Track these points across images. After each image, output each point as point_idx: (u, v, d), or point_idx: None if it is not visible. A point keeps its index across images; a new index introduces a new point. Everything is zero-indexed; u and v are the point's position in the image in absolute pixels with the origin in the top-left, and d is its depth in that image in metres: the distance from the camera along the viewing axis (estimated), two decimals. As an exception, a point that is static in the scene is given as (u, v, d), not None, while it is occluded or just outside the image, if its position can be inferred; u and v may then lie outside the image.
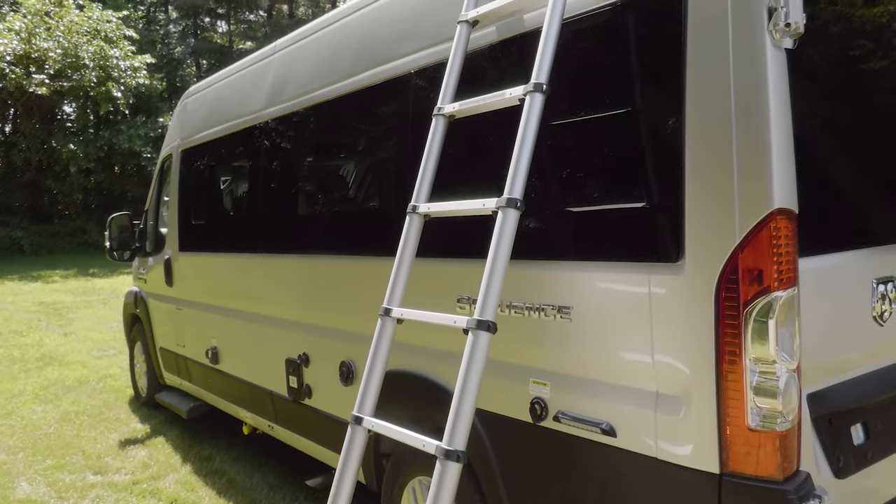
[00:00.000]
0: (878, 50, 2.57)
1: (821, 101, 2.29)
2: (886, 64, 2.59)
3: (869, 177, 2.48)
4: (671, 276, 2.14)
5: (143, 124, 25.54)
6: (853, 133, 2.45)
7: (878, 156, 2.51)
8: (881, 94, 2.59)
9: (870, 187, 2.48)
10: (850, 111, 2.44)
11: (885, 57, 2.57)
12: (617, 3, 2.34)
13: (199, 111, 5.76)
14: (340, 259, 3.84)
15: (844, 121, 2.42)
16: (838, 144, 2.37)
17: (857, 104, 2.47)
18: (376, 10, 3.61)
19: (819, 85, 2.28)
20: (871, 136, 2.51)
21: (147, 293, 6.88)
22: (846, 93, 2.43)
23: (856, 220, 2.41)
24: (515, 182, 2.21)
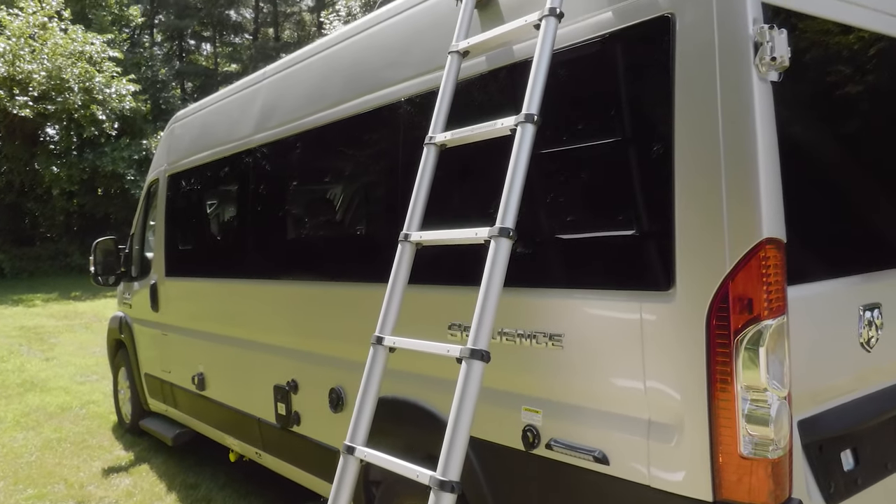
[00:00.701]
0: (856, 77, 2.63)
1: (804, 131, 2.34)
2: (865, 91, 2.65)
3: (852, 204, 2.52)
4: (662, 304, 2.17)
5: (128, 146, 25.42)
6: (835, 162, 2.49)
7: (860, 184, 2.55)
8: (862, 123, 2.64)
9: (854, 215, 2.52)
10: (832, 141, 2.49)
11: (861, 83, 2.63)
12: (605, 34, 2.38)
13: (187, 136, 5.76)
14: (330, 285, 3.84)
15: (827, 150, 2.47)
16: (821, 173, 2.41)
17: (838, 133, 2.52)
18: (366, 38, 3.65)
19: (802, 115, 2.33)
20: (853, 164, 2.55)
21: (132, 318, 6.82)
22: (828, 123, 2.48)
23: (841, 247, 2.44)
24: (508, 212, 2.23)
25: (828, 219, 2.39)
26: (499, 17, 2.82)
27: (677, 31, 2.16)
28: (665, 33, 2.18)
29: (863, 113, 2.64)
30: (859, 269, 2.45)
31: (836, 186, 2.46)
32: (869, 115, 2.66)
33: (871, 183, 2.60)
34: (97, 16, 26.74)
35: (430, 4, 3.24)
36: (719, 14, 2.07)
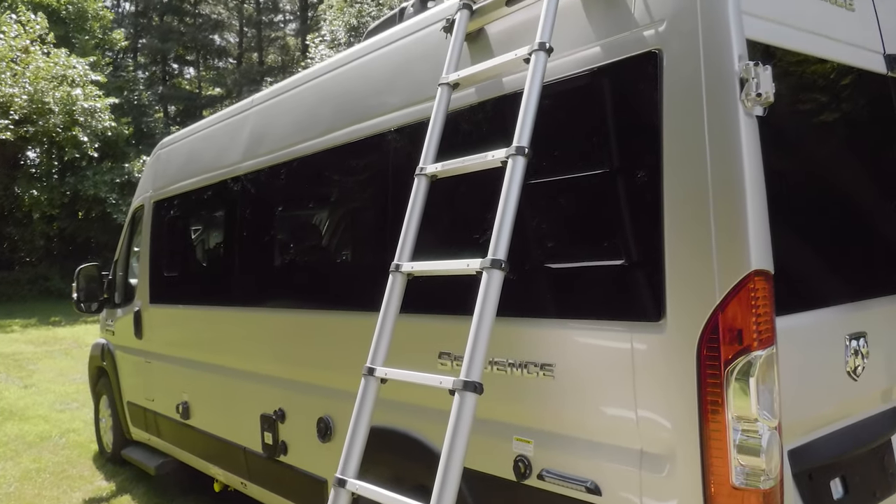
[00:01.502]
0: (836, 109, 2.69)
1: (787, 163, 2.38)
2: (845, 123, 2.71)
3: (835, 235, 2.57)
4: (653, 335, 2.19)
5: (110, 170, 25.27)
6: (818, 193, 2.54)
7: (843, 214, 2.60)
8: (842, 154, 2.69)
9: (837, 245, 2.57)
10: (814, 172, 2.54)
11: (840, 115, 2.70)
12: (594, 68, 2.43)
13: (173, 163, 5.75)
14: (318, 313, 3.83)
15: (809, 182, 2.51)
16: (805, 205, 2.45)
17: (820, 165, 2.57)
18: (356, 67, 3.68)
19: (785, 148, 2.37)
20: (835, 195, 2.60)
21: (115, 345, 6.74)
22: (809, 155, 2.53)
23: (826, 277, 2.48)
24: (499, 243, 2.24)
25: (812, 249, 2.43)
26: (488, 50, 2.87)
27: (664, 66, 2.20)
28: (653, 69, 2.23)
29: (842, 144, 2.69)
30: (844, 298, 2.49)
31: (819, 217, 2.51)
32: (848, 146, 2.72)
33: (853, 213, 2.65)
34: (81, 40, 26.70)
35: (419, 36, 3.28)
36: (706, 51, 2.11)
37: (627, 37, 2.33)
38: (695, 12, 2.15)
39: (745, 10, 2.16)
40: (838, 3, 2.60)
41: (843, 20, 2.61)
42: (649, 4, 2.29)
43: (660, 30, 2.24)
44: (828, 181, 2.58)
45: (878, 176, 2.77)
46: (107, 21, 28.81)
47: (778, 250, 2.08)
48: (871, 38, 2.74)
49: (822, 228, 2.51)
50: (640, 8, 2.31)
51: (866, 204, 2.70)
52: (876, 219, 2.73)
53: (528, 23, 2.66)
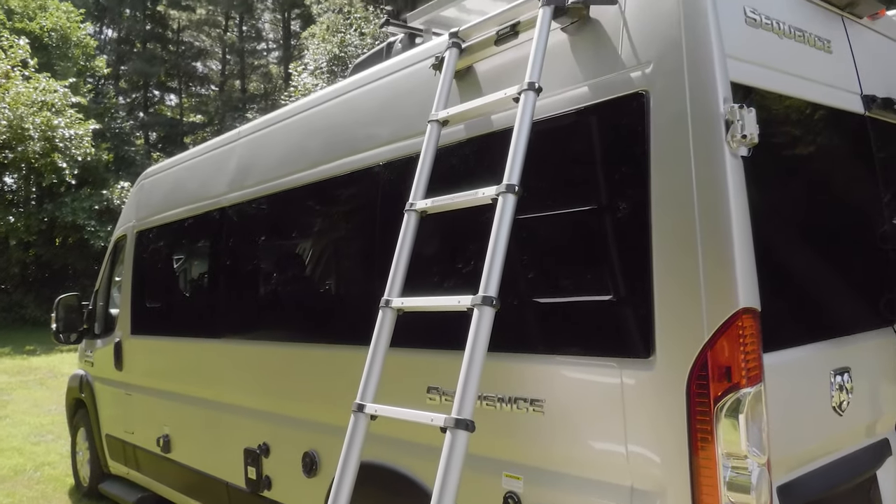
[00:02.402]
0: (817, 149, 2.76)
1: (771, 202, 2.42)
2: (824, 162, 2.78)
3: (817, 271, 2.61)
4: (643, 372, 2.21)
5: (88, 197, 25.04)
6: (801, 230, 2.59)
7: (825, 251, 2.65)
8: (822, 193, 2.75)
9: (819, 281, 2.61)
10: (797, 210, 2.59)
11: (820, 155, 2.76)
12: (582, 108, 2.47)
13: (157, 192, 5.73)
14: (304, 346, 3.81)
15: (792, 219, 2.56)
16: (788, 242, 2.50)
17: (802, 203, 2.62)
18: (345, 101, 3.70)
19: (769, 187, 2.42)
20: (817, 232, 2.65)
21: (94, 377, 6.64)
22: (792, 194, 2.59)
23: (810, 313, 2.52)
24: (490, 280, 2.26)
25: (795, 285, 2.48)
26: (477, 87, 2.91)
27: (651, 107, 2.25)
28: (640, 109, 2.28)
29: (822, 183, 2.75)
30: (828, 334, 2.53)
31: (800, 254, 2.55)
32: (828, 184, 2.78)
33: (834, 249, 2.70)
34: (63, 66, 26.63)
35: (408, 72, 3.32)
36: (692, 93, 2.17)
37: (615, 78, 2.38)
38: (680, 55, 2.21)
39: (729, 53, 2.22)
40: (817, 45, 2.68)
41: (822, 62, 2.69)
42: (636, 46, 2.35)
43: (646, 71, 2.29)
44: (809, 219, 2.63)
45: (857, 213, 2.83)
46: (90, 48, 28.76)
47: (762, 287, 2.12)
48: (849, 78, 2.83)
49: (804, 265, 2.55)
50: (627, 50, 2.37)
51: (847, 240, 2.76)
52: (856, 254, 2.79)
53: (517, 61, 2.70)
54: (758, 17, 2.42)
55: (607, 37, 2.44)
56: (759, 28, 2.42)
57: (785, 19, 2.53)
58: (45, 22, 26.29)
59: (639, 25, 2.35)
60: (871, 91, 2.88)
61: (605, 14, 2.46)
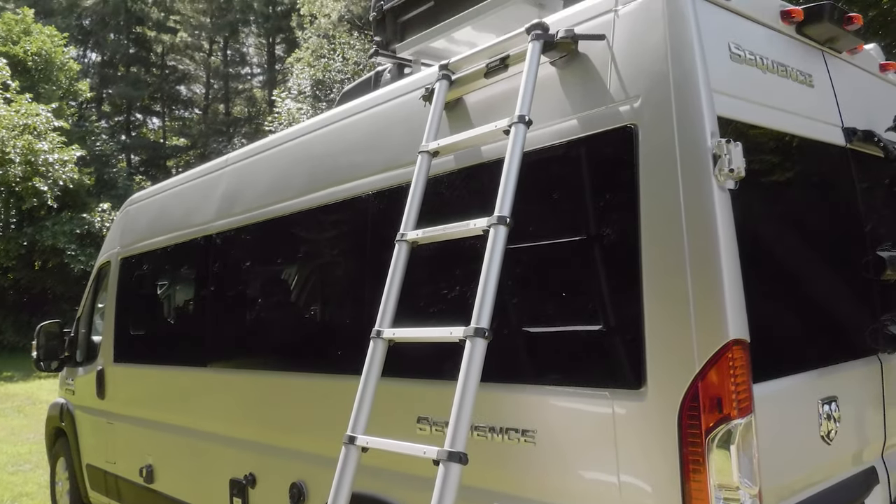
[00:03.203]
0: (801, 181, 2.82)
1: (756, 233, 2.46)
2: (808, 194, 2.83)
3: (803, 301, 2.65)
4: (634, 403, 2.22)
5: (69, 220, 24.81)
6: (785, 261, 2.63)
7: (811, 281, 2.69)
8: (807, 223, 2.80)
9: (805, 311, 2.65)
10: (780, 241, 2.63)
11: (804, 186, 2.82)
12: (572, 140, 2.51)
13: (143, 219, 5.69)
14: (291, 376, 3.79)
15: (777, 250, 2.60)
16: (773, 273, 2.53)
17: (785, 235, 2.66)
18: (335, 130, 3.71)
19: (756, 219, 2.46)
20: (803, 263, 2.69)
21: (75, 405, 6.54)
22: (776, 224, 2.63)
23: (798, 344, 2.56)
24: (482, 311, 2.27)
25: (783, 316, 2.51)
26: (467, 119, 2.94)
27: (640, 141, 2.29)
28: (628, 142, 2.32)
29: (806, 214, 2.80)
30: (815, 363, 2.56)
31: (788, 284, 2.59)
32: (811, 215, 2.82)
33: (819, 280, 2.74)
34: (47, 90, 26.51)
35: (397, 102, 3.35)
36: (679, 128, 2.21)
37: (603, 111, 2.42)
38: (668, 90, 2.25)
39: (715, 88, 2.27)
40: (799, 79, 2.74)
41: (804, 96, 2.75)
42: (624, 81, 2.39)
43: (634, 106, 2.33)
44: (794, 250, 2.67)
45: (841, 243, 2.88)
46: (73, 72, 28.68)
47: (750, 318, 2.15)
48: (830, 111, 2.89)
49: (791, 295, 2.59)
50: (615, 84, 2.41)
51: (832, 270, 2.81)
52: (841, 284, 2.83)
53: (506, 93, 2.74)
54: (742, 52, 2.48)
55: (595, 71, 2.48)
56: (743, 63, 2.48)
57: (768, 54, 2.60)
58: (30, 46, 26.19)
59: (626, 60, 2.40)
60: (852, 123, 2.95)
61: (593, 48, 2.51)
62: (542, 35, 2.54)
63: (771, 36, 2.69)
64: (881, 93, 3.36)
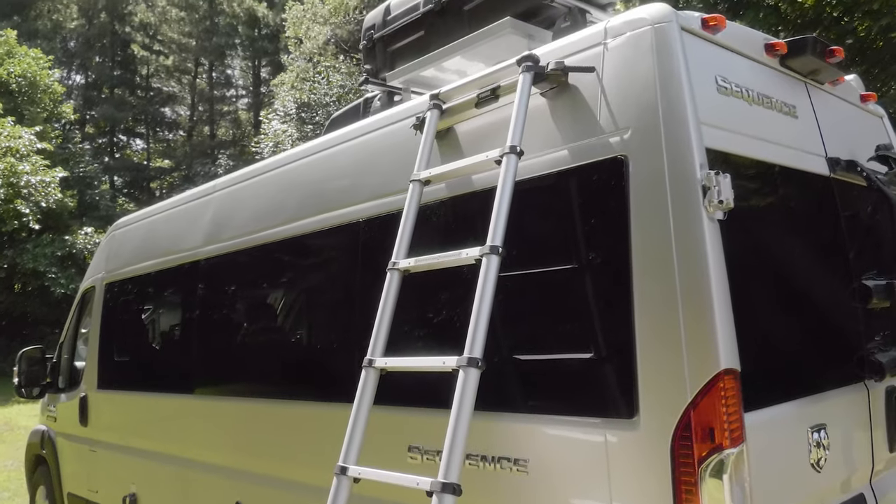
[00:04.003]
0: (789, 211, 2.86)
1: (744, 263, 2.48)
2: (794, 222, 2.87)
3: (792, 330, 2.68)
4: (627, 432, 2.23)
5: (51, 243, 24.56)
6: (772, 290, 2.66)
7: (797, 310, 2.72)
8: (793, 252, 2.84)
9: (794, 340, 2.67)
10: (767, 270, 2.66)
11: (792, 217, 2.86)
12: (562, 170, 2.54)
13: (129, 244, 5.66)
14: (279, 403, 3.77)
15: (764, 279, 2.63)
16: (764, 302, 2.57)
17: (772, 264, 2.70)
18: (325, 157, 3.72)
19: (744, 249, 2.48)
20: (788, 291, 2.72)
21: (56, 432, 6.44)
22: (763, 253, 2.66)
23: (786, 372, 2.58)
24: (475, 341, 2.28)
25: (771, 345, 2.53)
26: (458, 148, 2.97)
27: (630, 172, 2.32)
28: (619, 173, 2.35)
29: (791, 243, 2.82)
30: (804, 391, 2.58)
31: (776, 313, 2.62)
32: (797, 244, 2.85)
33: (806, 308, 2.77)
34: (32, 112, 26.36)
35: (388, 130, 3.37)
36: (669, 159, 2.24)
37: (594, 142, 2.46)
38: (657, 123, 2.29)
39: (703, 120, 2.32)
40: (784, 111, 2.80)
41: (788, 127, 2.81)
42: (614, 112, 2.43)
43: (624, 137, 2.37)
44: (779, 278, 2.70)
45: (827, 271, 2.92)
46: (57, 95, 28.55)
47: (740, 347, 2.17)
48: (814, 142, 2.95)
49: (779, 323, 2.62)
50: (605, 115, 2.45)
51: (818, 298, 2.84)
52: (828, 312, 2.86)
53: (497, 123, 2.77)
54: (728, 85, 2.53)
55: (585, 102, 2.52)
56: (729, 95, 2.53)
57: (753, 87, 2.65)
58: (13, 68, 26.07)
59: (616, 92, 2.44)
60: (835, 153, 3.00)
61: (583, 80, 2.55)
62: (533, 67, 2.58)
63: (756, 68, 2.75)
64: (862, 123, 3.43)
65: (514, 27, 3.24)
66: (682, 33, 2.39)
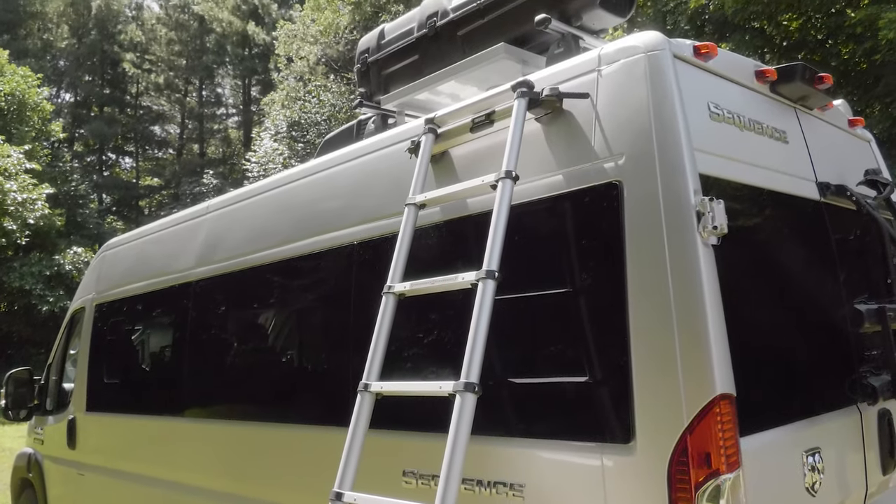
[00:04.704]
0: (781, 236, 2.89)
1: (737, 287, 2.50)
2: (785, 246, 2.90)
3: (785, 354, 2.69)
4: (624, 458, 2.23)
5: (38, 261, 24.40)
6: (765, 314, 2.67)
7: (790, 334, 2.74)
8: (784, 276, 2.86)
9: (787, 364, 2.69)
10: (760, 295, 2.68)
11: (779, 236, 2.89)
12: (558, 194, 2.56)
13: (120, 265, 5.63)
14: (271, 427, 3.74)
15: (757, 303, 2.65)
16: (757, 326, 2.58)
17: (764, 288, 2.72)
18: (320, 180, 3.72)
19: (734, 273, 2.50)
20: (781, 316, 2.74)
21: (43, 455, 6.35)
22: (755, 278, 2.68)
23: (780, 396, 2.59)
24: (472, 366, 2.28)
25: (765, 369, 2.55)
26: (453, 172, 2.99)
27: (625, 197, 2.34)
28: (614, 198, 2.37)
29: (783, 267, 2.85)
30: (798, 415, 2.59)
31: (769, 337, 2.64)
32: (788, 268, 2.88)
33: (798, 332, 2.79)
34: (20, 130, 26.27)
35: (383, 153, 3.39)
36: (664, 186, 2.27)
37: (589, 167, 2.48)
38: (651, 150, 2.32)
39: (697, 146, 2.34)
40: (774, 136, 2.84)
41: (779, 152, 2.85)
42: (608, 138, 2.45)
43: (619, 163, 2.39)
44: (772, 302, 2.72)
45: (820, 295, 2.94)
46: (46, 113, 28.49)
47: (735, 371, 2.18)
48: (804, 167, 2.99)
49: (772, 348, 2.63)
50: (600, 141, 2.47)
51: (810, 322, 2.86)
52: (820, 336, 2.89)
53: (492, 148, 2.79)
54: (720, 111, 2.57)
55: (580, 128, 2.55)
56: (722, 122, 2.56)
57: (744, 113, 2.69)
58: (2, 86, 26.01)
59: (610, 118, 2.47)
60: (825, 178, 3.04)
61: (578, 106, 2.57)
62: (528, 92, 2.60)
63: (747, 95, 2.79)
64: (850, 147, 3.48)
65: (507, 52, 3.27)
66: (674, 61, 2.43)
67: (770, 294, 2.69)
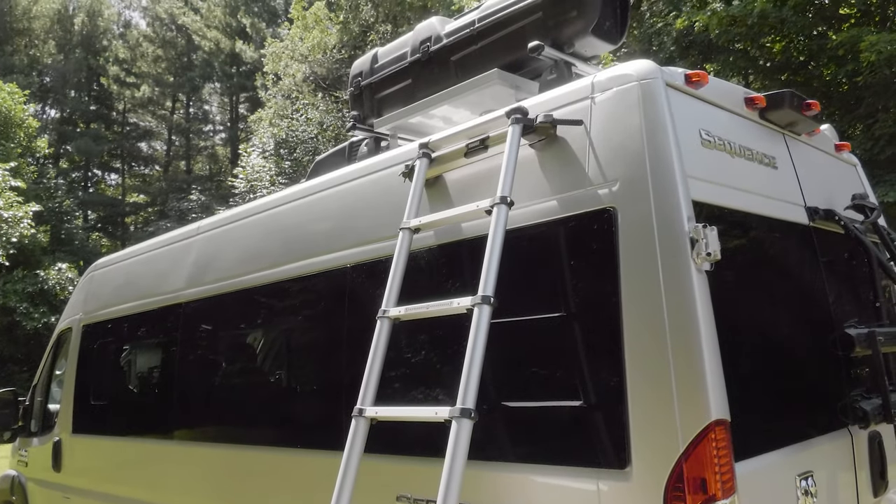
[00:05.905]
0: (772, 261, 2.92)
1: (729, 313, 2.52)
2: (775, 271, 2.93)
3: (778, 378, 2.72)
4: (620, 483, 2.23)
5: (22, 279, 24.12)
6: (756, 339, 2.69)
7: (781, 358, 2.76)
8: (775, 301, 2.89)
9: (781, 388, 2.71)
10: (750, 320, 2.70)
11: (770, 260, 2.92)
12: (552, 220, 2.57)
13: (108, 285, 5.59)
14: (261, 450, 3.72)
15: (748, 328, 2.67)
16: (750, 351, 2.60)
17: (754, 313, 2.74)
18: (313, 202, 3.72)
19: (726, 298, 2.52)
20: (772, 340, 2.77)
21: (27, 477, 6.26)
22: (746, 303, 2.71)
23: (773, 420, 2.61)
24: (468, 392, 2.28)
25: (758, 394, 2.57)
26: (447, 196, 3.00)
27: (619, 224, 2.37)
28: (608, 224, 2.39)
29: (773, 292, 2.88)
30: (791, 439, 2.61)
31: (762, 362, 2.66)
32: (778, 293, 2.91)
33: (789, 356, 2.81)
34: (6, 147, 26.07)
35: (376, 177, 3.40)
36: (657, 213, 2.29)
37: (583, 193, 2.50)
38: (645, 177, 2.35)
39: (689, 173, 2.37)
40: (764, 162, 2.88)
41: (769, 177, 2.88)
42: (602, 165, 2.48)
43: (613, 189, 2.42)
44: (764, 327, 2.75)
45: (811, 319, 2.97)
46: (32, 129, 28.30)
47: (729, 397, 2.20)
48: (794, 192, 3.03)
49: (763, 372, 2.65)
50: (594, 167, 2.50)
51: (801, 346, 2.89)
52: (810, 360, 2.91)
53: (486, 172, 2.81)
54: (711, 138, 2.60)
55: (574, 154, 2.58)
56: (713, 148, 2.60)
57: (735, 139, 2.73)
58: (-12, 104, 25.87)
59: (604, 145, 2.50)
60: (813, 202, 3.08)
61: (571, 133, 2.60)
62: (522, 119, 2.63)
63: (737, 121, 2.84)
64: (837, 172, 3.54)
65: (501, 78, 3.30)
66: (666, 89, 2.47)
67: (762, 319, 2.72)
